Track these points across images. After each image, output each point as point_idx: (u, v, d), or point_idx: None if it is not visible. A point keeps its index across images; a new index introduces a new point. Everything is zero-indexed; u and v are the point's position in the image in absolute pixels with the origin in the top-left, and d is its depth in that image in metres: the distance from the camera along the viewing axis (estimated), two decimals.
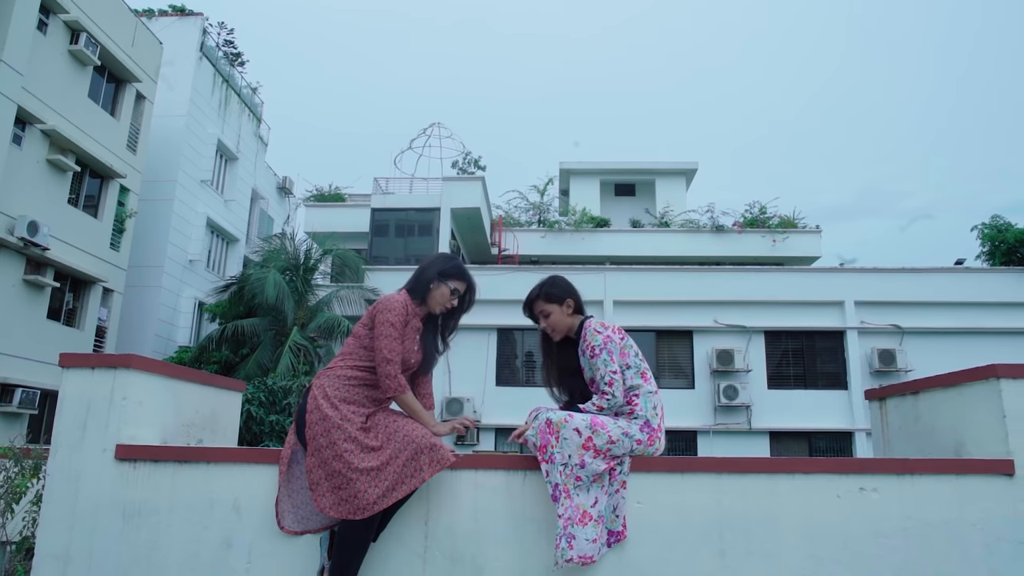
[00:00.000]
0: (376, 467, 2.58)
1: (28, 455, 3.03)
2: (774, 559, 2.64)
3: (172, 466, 2.74)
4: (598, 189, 25.46)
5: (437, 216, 19.89)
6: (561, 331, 3.04)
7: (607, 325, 2.94)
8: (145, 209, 18.29)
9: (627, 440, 2.70)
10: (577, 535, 2.54)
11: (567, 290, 3.04)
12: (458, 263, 3.04)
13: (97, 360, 2.79)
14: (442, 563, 2.67)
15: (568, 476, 2.61)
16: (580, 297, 3.08)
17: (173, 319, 19.15)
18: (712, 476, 2.71)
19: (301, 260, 17.30)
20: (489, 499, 2.75)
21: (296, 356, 15.12)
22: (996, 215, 19.31)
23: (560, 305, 3.00)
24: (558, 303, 3.00)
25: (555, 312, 3.00)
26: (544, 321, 3.03)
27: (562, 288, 3.03)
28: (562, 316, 3.01)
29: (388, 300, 2.85)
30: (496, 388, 17.57)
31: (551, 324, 3.02)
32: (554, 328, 3.03)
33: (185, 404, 3.16)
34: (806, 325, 17.97)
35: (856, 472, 2.72)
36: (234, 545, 2.67)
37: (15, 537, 2.98)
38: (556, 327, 3.02)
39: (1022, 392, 2.76)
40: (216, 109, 21.67)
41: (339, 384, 2.75)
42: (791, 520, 2.67)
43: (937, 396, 3.19)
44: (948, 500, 2.69)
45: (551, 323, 3.02)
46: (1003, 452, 2.74)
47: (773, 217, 23.03)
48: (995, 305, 17.58)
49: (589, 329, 2.91)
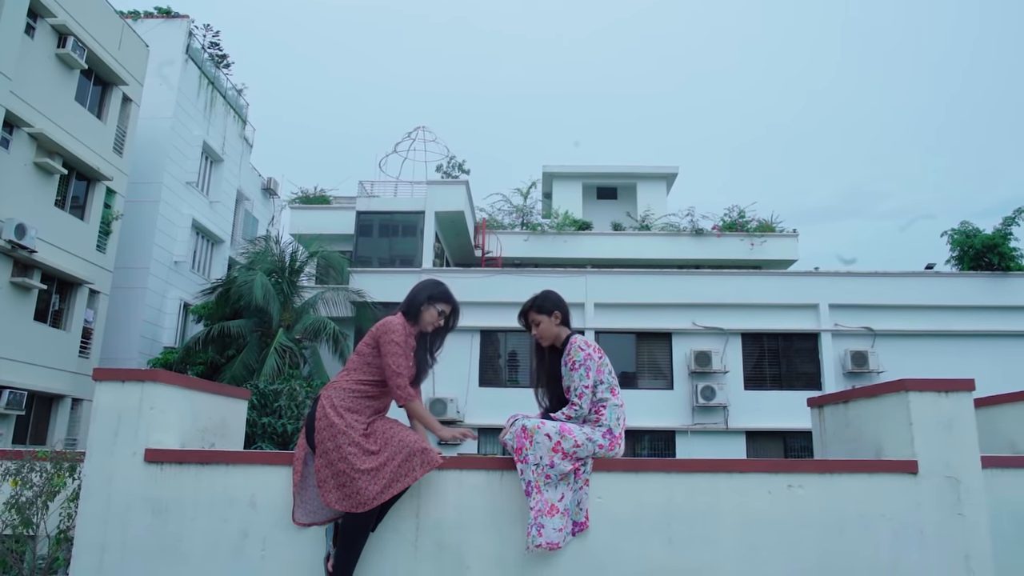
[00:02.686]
0: (375, 468, 3.01)
1: (64, 457, 3.41)
2: (714, 546, 3.10)
3: (195, 467, 3.15)
4: (580, 192, 25.85)
5: (422, 219, 20.21)
6: (548, 339, 3.54)
7: (590, 343, 3.42)
8: (131, 211, 18.47)
9: (591, 444, 3.16)
10: (546, 525, 3.00)
11: (556, 303, 3.54)
12: (445, 288, 3.49)
13: (127, 374, 3.18)
14: (431, 550, 3.11)
15: (539, 475, 3.06)
16: (568, 310, 3.58)
17: (158, 320, 19.35)
18: (662, 475, 3.18)
19: (287, 262, 17.58)
20: (472, 495, 3.20)
21: (282, 357, 15.39)
22: (965, 221, 19.89)
23: (549, 316, 3.51)
24: (547, 314, 3.51)
25: (544, 322, 3.50)
26: (535, 329, 3.54)
27: (552, 302, 3.54)
28: (550, 325, 3.51)
29: (389, 323, 3.29)
30: (479, 389, 17.93)
31: (540, 332, 3.52)
32: (542, 335, 3.53)
33: (200, 412, 3.56)
34: (782, 327, 18.47)
35: (785, 471, 3.19)
36: (250, 536, 3.08)
37: (53, 531, 3.36)
38: (544, 335, 3.52)
39: (925, 403, 3.24)
40: (202, 111, 21.86)
41: (344, 396, 3.18)
42: (730, 513, 3.14)
43: (862, 405, 3.66)
44: (862, 495, 3.16)
45: (540, 331, 3.52)
46: (909, 454, 3.22)
47: (752, 221, 23.46)
48: (963, 308, 18.18)
49: (574, 345, 3.39)
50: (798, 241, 23.48)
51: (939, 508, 3.16)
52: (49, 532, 3.32)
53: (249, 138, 25.37)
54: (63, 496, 3.37)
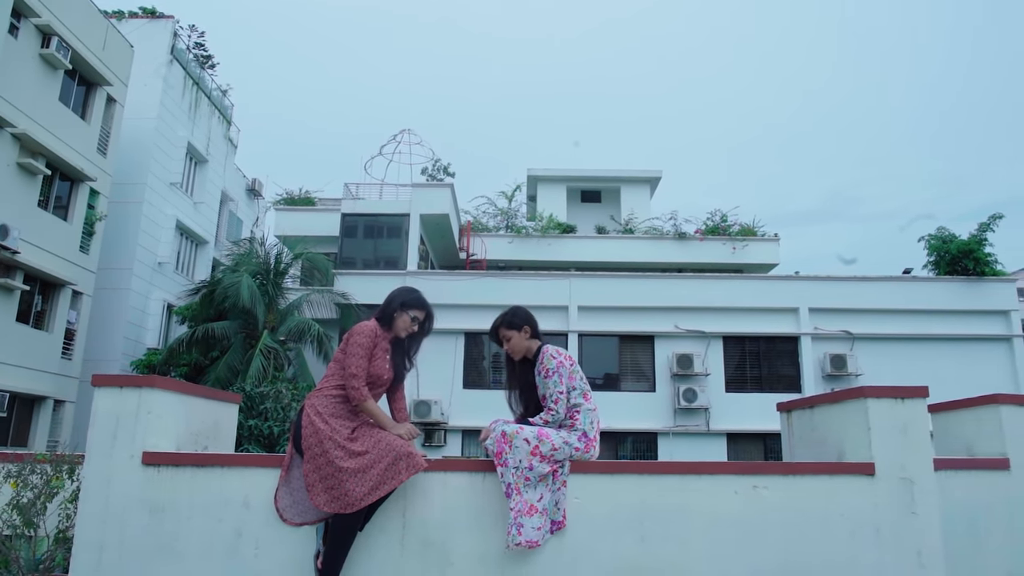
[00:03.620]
0: (360, 468, 3.16)
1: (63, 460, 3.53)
2: (684, 543, 3.30)
3: (191, 470, 3.29)
4: (565, 196, 26.03)
5: (406, 221, 20.29)
6: (519, 352, 3.69)
7: (561, 352, 3.59)
8: (114, 211, 18.44)
9: (567, 448, 3.34)
10: (525, 524, 3.17)
11: (525, 319, 3.69)
12: (418, 295, 3.66)
13: (125, 380, 3.31)
14: (417, 548, 3.28)
15: (519, 477, 3.24)
16: (536, 324, 3.73)
17: (142, 321, 19.32)
18: (636, 476, 3.37)
19: (272, 264, 17.61)
20: (455, 496, 3.37)
21: (267, 359, 15.45)
22: (941, 227, 20.27)
23: (519, 331, 3.66)
24: (517, 329, 3.66)
25: (514, 337, 3.66)
26: (506, 344, 3.69)
27: (521, 317, 3.69)
28: (520, 340, 3.66)
29: (360, 326, 3.47)
30: (463, 391, 18.06)
31: (511, 347, 3.68)
32: (513, 350, 3.69)
33: (194, 416, 3.70)
34: (762, 331, 18.75)
35: (751, 473, 3.39)
36: (244, 535, 3.23)
37: (52, 531, 3.48)
38: (515, 349, 3.68)
39: (882, 409, 3.45)
40: (186, 112, 21.83)
41: (327, 402, 3.34)
42: (699, 512, 3.33)
43: (827, 410, 3.86)
44: (822, 495, 3.37)
45: (511, 346, 3.68)
46: (867, 456, 3.43)
47: (734, 225, 23.73)
48: (939, 312, 18.55)
49: (546, 354, 3.56)
50: (779, 245, 23.80)
51: (894, 508, 3.37)
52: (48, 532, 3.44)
53: (234, 139, 25.36)
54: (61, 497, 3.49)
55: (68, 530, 3.47)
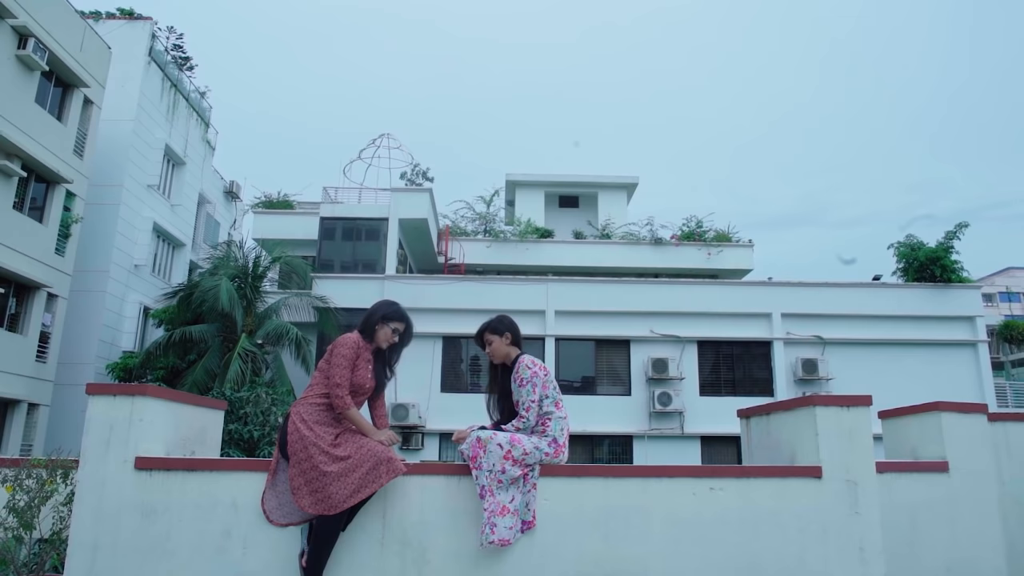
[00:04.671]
0: (343, 472, 3.37)
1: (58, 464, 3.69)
2: (645, 541, 3.55)
3: (182, 474, 3.47)
4: (543, 200, 26.28)
5: (385, 225, 20.42)
6: (499, 357, 3.94)
7: (537, 362, 3.84)
8: (91, 214, 18.34)
9: (538, 452, 3.58)
10: (498, 524, 3.41)
11: (509, 327, 3.96)
12: (398, 308, 3.88)
13: (118, 389, 3.49)
14: (396, 547, 3.50)
15: (492, 479, 3.47)
16: (519, 333, 4.00)
17: (118, 324, 19.23)
18: (601, 479, 3.62)
19: (250, 267, 17.65)
20: (432, 498, 3.59)
21: (245, 363, 15.49)
22: (910, 234, 20.81)
23: (501, 336, 3.92)
24: (499, 335, 3.92)
25: (496, 341, 3.92)
26: (488, 347, 3.94)
27: (505, 325, 3.96)
28: (501, 345, 3.92)
29: (343, 338, 3.69)
30: (441, 394, 18.21)
31: (492, 350, 3.93)
32: (493, 353, 3.94)
33: (183, 422, 3.87)
34: (736, 335, 19.14)
35: (708, 476, 3.65)
36: (232, 535, 3.42)
37: (47, 533, 3.63)
38: (495, 352, 3.94)
39: (829, 416, 3.73)
40: (164, 114, 21.77)
41: (312, 410, 3.55)
42: (659, 512, 3.59)
43: (781, 417, 4.14)
44: (774, 496, 3.63)
45: (492, 349, 3.93)
46: (815, 460, 3.71)
47: (709, 231, 24.12)
48: (908, 318, 19.07)
49: (522, 364, 3.80)
50: (753, 251, 24.25)
51: (839, 507, 3.64)
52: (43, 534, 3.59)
53: (212, 141, 25.29)
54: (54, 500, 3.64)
55: (62, 531, 3.62)
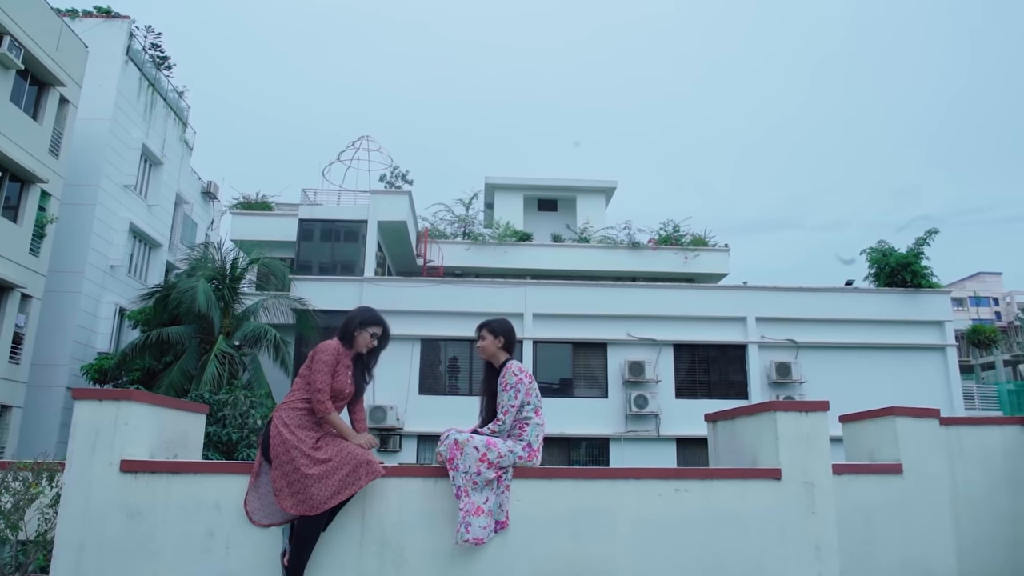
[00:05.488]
0: (323, 474, 3.50)
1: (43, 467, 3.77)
2: (613, 541, 3.72)
3: (166, 476, 3.57)
4: (522, 204, 26.46)
5: (364, 228, 20.45)
6: (487, 355, 4.12)
7: (523, 370, 4.01)
8: (66, 214, 18.18)
9: (512, 456, 3.74)
10: (473, 523, 3.56)
11: (505, 331, 4.13)
12: (375, 313, 4.02)
13: (104, 394, 3.59)
14: (375, 547, 3.63)
15: (467, 481, 3.63)
16: (514, 341, 4.17)
17: (93, 325, 19.07)
18: (571, 481, 3.79)
19: (228, 268, 17.60)
20: (410, 499, 3.73)
21: (222, 364, 15.45)
22: (882, 240, 21.28)
23: (495, 337, 4.09)
24: (494, 335, 4.10)
25: (489, 340, 4.09)
26: (480, 342, 4.11)
27: (503, 329, 4.13)
28: (491, 345, 4.09)
29: (324, 345, 3.82)
30: (419, 397, 18.29)
31: (482, 346, 4.11)
32: (483, 349, 4.11)
33: (166, 426, 3.97)
34: (712, 339, 19.45)
35: (673, 478, 3.83)
36: (216, 535, 3.53)
37: (32, 534, 3.71)
38: (484, 350, 4.11)
39: (789, 421, 3.93)
40: (141, 113, 21.63)
41: (293, 414, 3.67)
42: (626, 512, 3.76)
43: (745, 422, 4.33)
44: (736, 497, 3.82)
45: (483, 345, 4.11)
46: (775, 463, 3.90)
47: (686, 235, 24.45)
48: (879, 323, 19.53)
49: (509, 370, 3.97)
50: (729, 255, 24.61)
51: (797, 508, 3.84)
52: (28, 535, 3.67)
53: (190, 141, 25.14)
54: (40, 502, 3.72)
55: (47, 532, 3.70)
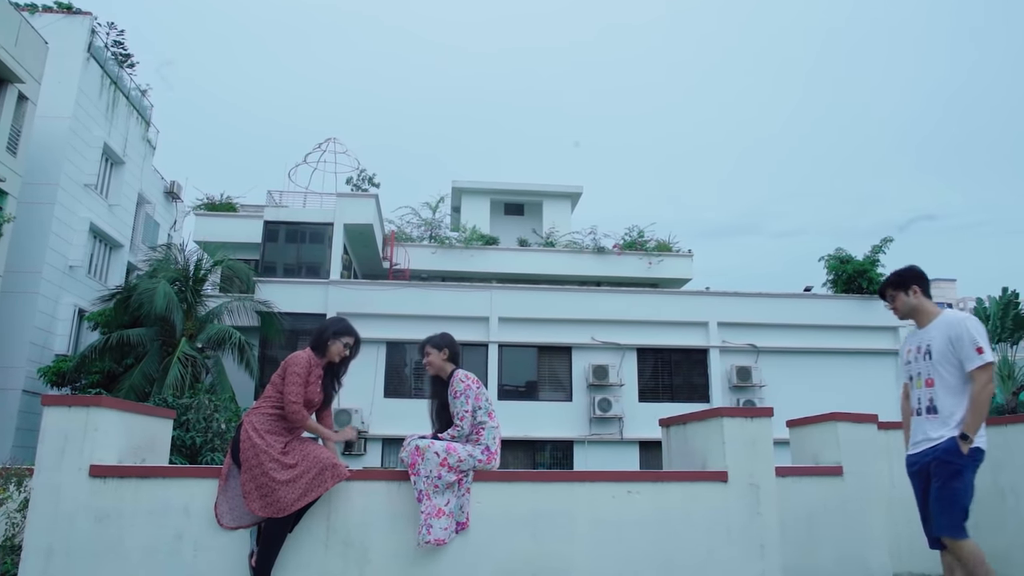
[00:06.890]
0: (291, 479, 3.63)
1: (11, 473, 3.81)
2: (570, 540, 3.92)
3: (135, 480, 3.66)
4: (488, 208, 26.55)
5: (330, 230, 20.37)
6: (435, 369, 4.27)
7: (469, 376, 4.17)
8: (24, 213, 17.78)
9: (471, 459, 3.91)
10: (434, 525, 3.72)
11: (448, 344, 4.31)
12: (347, 323, 4.17)
13: (73, 400, 3.66)
14: (339, 547, 3.77)
15: (429, 484, 3.79)
16: (458, 351, 4.35)
17: (50, 327, 18.68)
18: (530, 484, 3.98)
19: (191, 270, 17.41)
20: (374, 501, 3.89)
21: (184, 367, 15.30)
22: (839, 248, 21.91)
23: (439, 351, 4.25)
24: (438, 349, 4.26)
25: (434, 355, 4.25)
26: (426, 359, 4.26)
27: (445, 342, 4.31)
28: (438, 358, 4.25)
29: (296, 356, 3.93)
30: (384, 400, 18.31)
31: (429, 361, 4.27)
32: (430, 364, 4.27)
33: (134, 431, 4.05)
34: (674, 343, 19.82)
35: (626, 480, 4.04)
36: (184, 538, 3.63)
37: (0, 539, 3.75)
38: (432, 364, 4.27)
39: (735, 426, 4.17)
40: (103, 111, 21.25)
41: (263, 420, 3.79)
42: (583, 514, 3.96)
43: (695, 426, 4.56)
44: (684, 498, 4.05)
45: (429, 360, 4.26)
46: (723, 465, 4.14)
47: (650, 241, 24.81)
48: (837, 328, 20.10)
49: (456, 378, 4.12)
50: (692, 261, 25.06)
51: (742, 508, 4.08)
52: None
53: (152, 140, 24.77)
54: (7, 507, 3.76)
55: (15, 537, 3.75)
